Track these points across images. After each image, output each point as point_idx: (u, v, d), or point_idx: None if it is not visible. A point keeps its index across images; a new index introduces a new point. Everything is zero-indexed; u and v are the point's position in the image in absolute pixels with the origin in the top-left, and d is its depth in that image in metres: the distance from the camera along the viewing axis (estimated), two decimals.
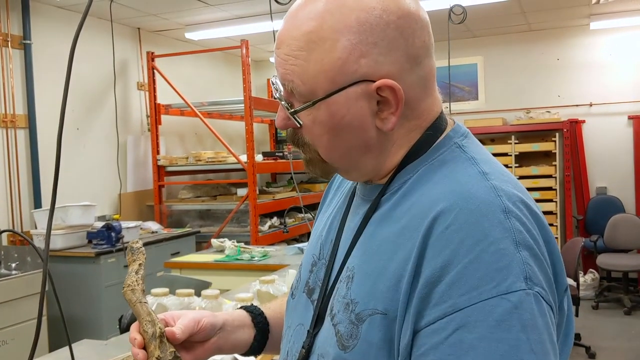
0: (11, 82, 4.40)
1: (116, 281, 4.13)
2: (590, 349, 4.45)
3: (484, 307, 0.66)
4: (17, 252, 3.89)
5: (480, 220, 0.70)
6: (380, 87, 0.77)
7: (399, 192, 0.81)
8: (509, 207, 0.71)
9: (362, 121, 0.80)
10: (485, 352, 0.65)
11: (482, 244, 0.68)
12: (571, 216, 6.38)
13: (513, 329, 0.65)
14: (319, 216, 1.06)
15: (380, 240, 0.79)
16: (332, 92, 0.78)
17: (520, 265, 0.68)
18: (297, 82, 0.79)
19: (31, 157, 4.52)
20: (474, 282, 0.67)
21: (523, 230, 0.70)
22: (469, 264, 0.68)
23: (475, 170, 0.77)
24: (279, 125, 0.85)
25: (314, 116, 0.80)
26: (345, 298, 0.80)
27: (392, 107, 0.79)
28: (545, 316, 0.68)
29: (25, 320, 3.43)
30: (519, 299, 0.66)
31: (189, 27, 5.76)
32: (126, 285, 0.95)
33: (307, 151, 0.85)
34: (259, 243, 4.76)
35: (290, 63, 0.79)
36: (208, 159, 5.38)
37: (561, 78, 6.58)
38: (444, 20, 4.60)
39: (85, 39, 4.92)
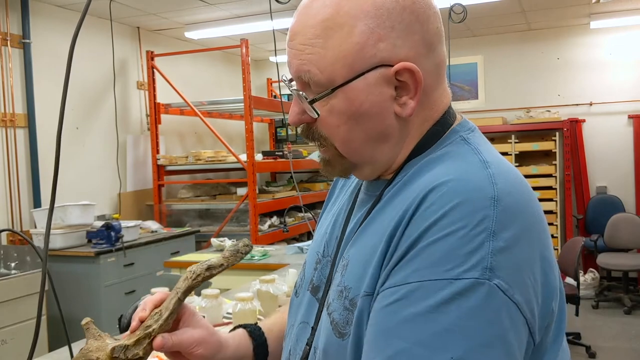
0: (10, 82, 4.39)
1: (116, 280, 4.13)
2: (590, 349, 4.45)
3: (430, 287, 0.66)
4: (16, 252, 3.89)
5: (463, 203, 0.69)
6: (399, 70, 0.77)
7: (399, 183, 0.81)
8: (500, 196, 0.70)
9: (381, 107, 0.79)
10: (416, 328, 0.65)
11: (455, 226, 0.68)
12: (571, 215, 6.38)
13: (451, 313, 0.64)
14: (323, 215, 1.05)
15: (375, 227, 0.80)
16: (351, 79, 0.77)
17: (486, 254, 0.66)
18: (315, 71, 0.78)
19: (30, 156, 4.51)
20: (430, 260, 0.67)
21: (507, 222, 0.68)
22: (434, 242, 0.68)
23: (477, 158, 0.77)
24: (293, 121, 0.84)
25: (330, 106, 0.79)
26: (339, 286, 0.80)
27: (410, 92, 0.79)
28: (498, 309, 0.65)
29: (24, 320, 3.43)
30: (466, 286, 0.65)
31: (188, 27, 5.75)
32: (188, 270, 0.90)
33: (324, 147, 0.84)
34: (258, 242, 4.76)
35: (307, 52, 0.78)
36: (208, 159, 5.37)
37: (561, 77, 6.58)
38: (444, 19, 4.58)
39: (84, 38, 4.91)
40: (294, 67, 0.81)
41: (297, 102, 0.83)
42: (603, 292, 5.95)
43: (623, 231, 5.77)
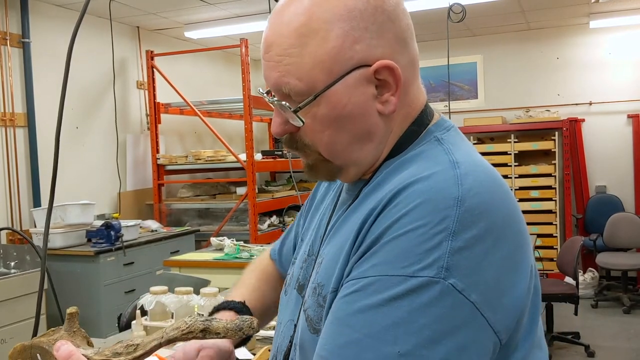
0: (10, 81, 4.39)
1: (115, 280, 4.14)
2: (589, 348, 4.45)
3: (385, 281, 0.68)
4: (16, 251, 3.89)
5: (426, 202, 0.70)
6: (378, 69, 0.78)
7: (374, 183, 0.83)
8: (464, 197, 0.70)
9: (364, 107, 0.80)
10: (368, 320, 0.67)
11: (415, 224, 0.69)
12: (570, 215, 6.38)
13: (402, 309, 0.66)
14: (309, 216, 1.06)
15: (347, 225, 0.82)
16: (331, 83, 0.78)
17: (443, 254, 0.67)
18: (294, 82, 0.78)
19: (30, 156, 4.51)
20: (389, 256, 0.69)
21: (469, 222, 0.68)
22: (394, 239, 0.69)
23: (447, 158, 0.77)
24: (277, 132, 0.84)
25: (313, 113, 0.80)
26: (313, 283, 0.82)
27: (391, 89, 0.80)
28: (450, 308, 0.66)
29: (24, 319, 3.43)
30: (420, 284, 0.66)
31: (188, 26, 5.75)
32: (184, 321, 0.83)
33: (308, 154, 0.84)
34: (258, 242, 4.76)
35: (284, 63, 0.78)
36: (207, 158, 5.38)
37: (561, 77, 6.58)
38: (443, 19, 4.59)
39: (84, 38, 4.91)
40: (272, 79, 0.81)
41: (278, 113, 0.83)
42: (602, 292, 5.96)
43: (622, 231, 5.77)
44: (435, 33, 6.18)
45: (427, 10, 5.12)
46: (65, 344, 0.78)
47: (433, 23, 5.63)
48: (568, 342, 4.62)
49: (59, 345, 0.78)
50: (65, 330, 0.83)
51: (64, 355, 0.77)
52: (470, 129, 6.43)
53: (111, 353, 0.81)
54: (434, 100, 6.76)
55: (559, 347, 4.60)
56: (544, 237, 6.15)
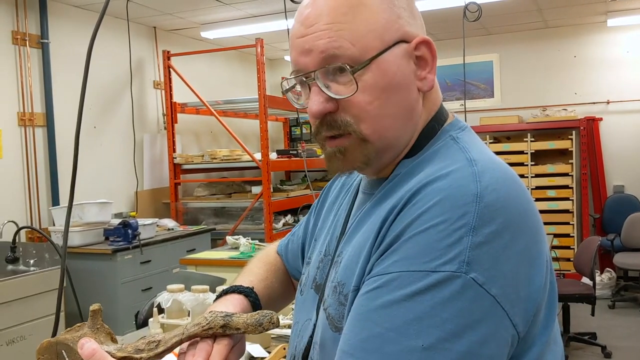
0: (29, 81, 4.46)
1: (132, 278, 4.18)
2: (606, 348, 4.42)
3: (407, 277, 0.69)
4: (35, 249, 3.94)
5: (446, 199, 0.71)
6: (418, 43, 0.82)
7: (392, 182, 0.84)
8: (482, 193, 0.71)
9: (408, 80, 0.82)
10: (391, 314, 0.68)
11: (436, 220, 0.70)
12: (588, 215, 6.33)
13: (425, 303, 0.67)
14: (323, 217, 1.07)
15: (366, 224, 0.82)
16: (383, 50, 0.80)
17: (464, 249, 0.68)
18: (347, 45, 0.79)
19: (49, 155, 4.58)
20: (410, 253, 0.70)
21: (488, 218, 0.69)
22: (415, 235, 0.70)
23: (464, 156, 0.78)
24: (317, 110, 0.82)
25: (364, 81, 0.79)
26: (333, 282, 0.83)
27: (428, 66, 0.83)
28: (472, 301, 0.67)
29: (42, 316, 3.48)
30: (442, 278, 0.67)
31: (204, 26, 5.79)
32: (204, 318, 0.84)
33: (347, 135, 0.82)
34: (273, 240, 4.77)
35: (335, 29, 0.79)
36: (223, 157, 5.41)
37: (578, 75, 6.53)
38: (459, 17, 4.58)
39: (102, 38, 4.96)
40: (319, 47, 0.79)
41: (317, 92, 0.82)
42: (620, 292, 5.91)
43: None
44: (451, 32, 6.17)
45: (443, 9, 5.11)
46: (88, 342, 0.79)
47: (449, 22, 5.61)
48: (585, 343, 4.58)
49: (82, 343, 0.79)
50: (89, 327, 0.84)
51: (87, 353, 0.77)
52: (487, 128, 6.40)
53: (133, 349, 0.82)
54: (450, 99, 6.74)
55: (576, 348, 4.57)
56: (560, 237, 6.11)
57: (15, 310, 3.35)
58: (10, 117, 4.34)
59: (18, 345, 3.35)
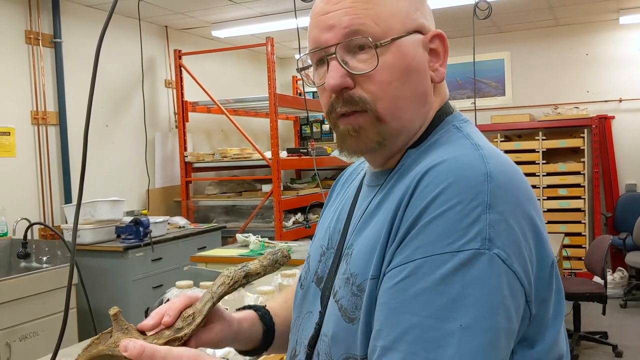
0: (42, 80, 4.50)
1: (143, 275, 4.21)
2: (617, 348, 4.39)
3: (434, 261, 0.69)
4: (47, 246, 3.99)
5: (458, 179, 0.72)
6: (433, 36, 0.86)
7: (399, 172, 0.85)
8: (492, 173, 0.73)
9: (424, 67, 0.86)
10: (425, 301, 0.69)
11: (452, 202, 0.71)
12: (600, 213, 6.29)
13: (456, 284, 0.68)
14: (325, 212, 1.08)
15: (378, 215, 0.83)
16: (403, 35, 0.83)
17: (484, 226, 0.69)
18: (370, 23, 0.82)
19: (62, 153, 4.62)
20: (432, 236, 0.70)
21: (500, 196, 0.71)
22: (434, 219, 0.71)
23: (469, 142, 0.81)
24: (335, 84, 0.83)
25: (383, 60, 0.82)
26: (345, 274, 0.83)
27: (440, 59, 0.87)
28: (499, 277, 0.68)
29: (55, 313, 3.52)
30: (468, 257, 0.68)
31: (215, 25, 5.82)
32: (225, 275, 0.87)
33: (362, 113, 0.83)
34: (283, 238, 4.80)
35: (360, 7, 0.82)
36: (234, 156, 5.44)
37: (590, 73, 6.49)
38: (469, 15, 4.57)
39: (113, 38, 5.00)
40: (343, 24, 0.82)
41: (337, 67, 0.83)
42: (632, 291, 5.86)
43: None
44: (462, 30, 6.15)
45: (453, 7, 5.10)
46: (131, 341, 0.78)
47: (459, 20, 5.59)
48: (596, 342, 4.56)
49: (125, 344, 0.78)
50: (118, 331, 0.83)
51: (136, 352, 0.77)
52: (498, 126, 6.38)
53: (173, 331, 0.83)
54: (461, 97, 6.73)
55: (587, 347, 4.55)
56: (572, 235, 6.08)
57: (28, 306, 3.39)
58: (24, 116, 4.39)
59: (31, 341, 3.39)
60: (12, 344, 3.29)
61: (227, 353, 1.69)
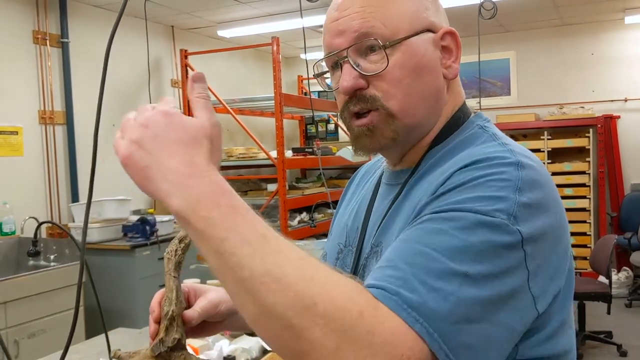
0: (50, 80, 4.54)
1: (150, 273, 4.23)
2: (621, 347, 4.40)
3: (459, 215, 0.71)
4: (55, 245, 4.02)
5: (492, 166, 0.75)
6: (444, 34, 0.88)
7: (422, 171, 0.87)
8: (522, 163, 0.75)
9: (435, 65, 0.88)
10: (440, 240, 0.69)
11: (487, 178, 0.73)
12: (605, 213, 6.29)
13: (473, 236, 0.68)
14: (340, 209, 1.10)
15: (404, 212, 0.85)
16: (412, 34, 0.86)
17: (512, 204, 0.71)
18: (379, 25, 0.85)
19: (69, 152, 4.65)
20: (463, 197, 0.72)
21: (529, 186, 0.73)
22: (468, 187, 0.73)
23: (497, 142, 0.84)
24: (349, 86, 0.86)
25: (394, 59, 0.85)
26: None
27: (452, 55, 0.89)
28: (512, 250, 0.69)
29: (62, 310, 3.55)
30: (493, 222, 0.69)
31: (221, 25, 5.84)
32: (166, 252, 0.93)
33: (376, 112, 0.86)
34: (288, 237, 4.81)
35: (368, 11, 0.85)
36: (239, 155, 5.46)
37: (595, 73, 6.48)
38: (475, 15, 4.58)
39: (120, 37, 5.03)
40: (353, 28, 0.85)
41: (350, 70, 0.86)
42: (636, 291, 5.86)
43: None
44: (467, 29, 6.15)
45: (458, 7, 5.10)
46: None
47: (464, 19, 5.60)
48: (600, 342, 4.57)
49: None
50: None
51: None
52: (503, 125, 6.38)
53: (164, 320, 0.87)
54: (467, 97, 6.61)
55: (591, 346, 4.56)
56: (577, 235, 6.07)
57: (37, 304, 3.43)
58: (31, 116, 4.43)
59: (39, 339, 3.42)
60: (21, 341, 3.33)
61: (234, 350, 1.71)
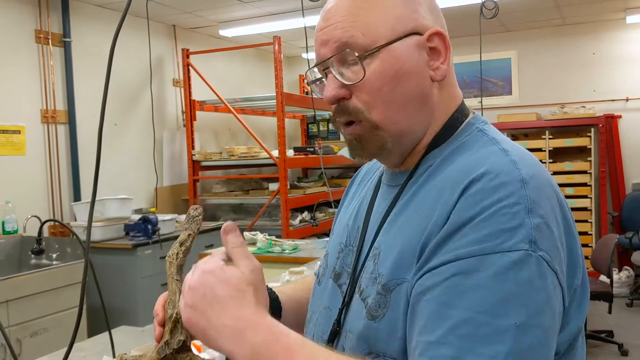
0: (52, 79, 4.55)
1: (152, 272, 4.24)
2: (622, 346, 4.40)
3: (484, 260, 0.70)
4: (57, 243, 4.03)
5: (499, 187, 0.74)
6: (431, 35, 0.86)
7: (424, 174, 0.86)
8: (526, 178, 0.75)
9: (420, 69, 0.86)
10: (478, 297, 0.69)
11: (497, 206, 0.73)
12: (606, 212, 6.29)
13: (508, 282, 0.69)
14: (342, 209, 1.10)
15: (406, 216, 0.84)
16: (392, 40, 0.84)
17: (528, 229, 0.71)
18: (358, 35, 0.84)
19: (71, 152, 4.67)
20: (480, 237, 0.72)
21: (536, 200, 0.74)
22: (481, 221, 0.72)
23: (497, 148, 0.82)
24: (331, 96, 0.87)
25: (373, 67, 0.84)
26: (372, 273, 0.85)
27: (441, 57, 0.87)
28: (545, 279, 0.71)
29: (65, 309, 3.56)
30: (519, 257, 0.70)
31: (222, 24, 5.85)
32: (167, 256, 0.93)
33: (359, 122, 0.86)
34: (290, 237, 4.83)
35: (349, 20, 0.85)
36: (241, 154, 5.47)
37: (597, 72, 6.48)
38: (476, 14, 4.58)
39: (122, 37, 4.98)
40: (335, 38, 0.85)
41: (332, 79, 0.87)
42: (638, 290, 5.86)
43: None
44: (468, 29, 6.15)
45: (460, 6, 5.11)
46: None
47: (466, 19, 5.60)
48: (601, 341, 4.57)
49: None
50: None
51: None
52: (504, 125, 6.38)
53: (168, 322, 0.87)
54: (468, 97, 6.73)
55: (592, 346, 4.56)
56: (578, 234, 6.06)
57: (39, 303, 3.43)
58: (34, 115, 4.44)
59: (41, 338, 3.43)
60: (23, 340, 3.34)
61: None
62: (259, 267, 0.78)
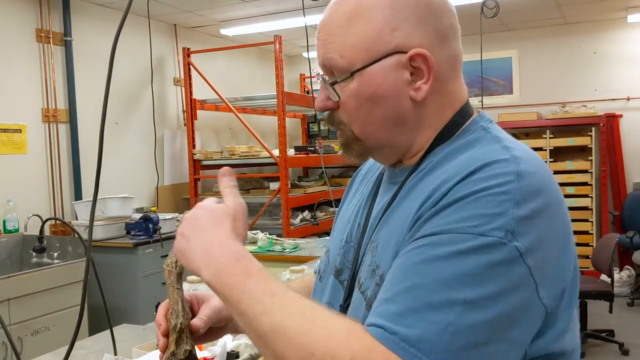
0: (53, 78, 4.55)
1: (153, 271, 4.25)
2: (623, 346, 4.40)
3: (455, 237, 0.72)
4: (58, 242, 4.04)
5: (494, 177, 0.75)
6: (413, 56, 0.84)
7: (425, 170, 0.87)
8: (523, 174, 0.75)
9: (397, 91, 0.86)
10: (437, 268, 0.71)
11: (486, 192, 0.74)
12: (607, 212, 6.29)
13: (470, 261, 0.70)
14: (343, 206, 1.11)
15: (403, 210, 0.85)
16: (368, 64, 0.85)
17: (508, 219, 0.72)
18: (336, 58, 0.86)
19: (72, 150, 4.67)
20: (460, 217, 0.73)
21: (530, 196, 0.74)
22: (466, 203, 0.74)
23: (499, 145, 0.83)
24: (319, 107, 0.91)
25: (350, 89, 0.87)
26: (370, 266, 0.86)
27: (424, 77, 0.85)
28: (512, 268, 0.71)
29: (66, 308, 3.56)
30: (489, 242, 0.71)
31: (223, 23, 5.85)
32: (165, 265, 0.94)
33: (344, 132, 0.91)
34: (290, 236, 4.83)
35: (329, 41, 0.87)
36: (242, 153, 5.47)
37: (598, 72, 6.48)
38: (477, 14, 4.58)
39: (123, 36, 4.99)
40: (320, 56, 0.89)
41: (323, 90, 0.90)
42: (638, 290, 5.86)
43: None
44: (469, 28, 6.13)
45: (460, 5, 5.11)
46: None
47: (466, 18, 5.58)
48: (602, 340, 4.57)
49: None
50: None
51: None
52: (505, 124, 6.37)
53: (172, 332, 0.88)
54: (468, 96, 6.69)
55: (593, 345, 4.57)
56: (579, 234, 6.07)
57: (40, 301, 3.44)
58: (35, 114, 4.44)
59: (42, 336, 3.44)
60: (24, 338, 3.34)
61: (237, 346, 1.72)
62: (243, 205, 0.89)
